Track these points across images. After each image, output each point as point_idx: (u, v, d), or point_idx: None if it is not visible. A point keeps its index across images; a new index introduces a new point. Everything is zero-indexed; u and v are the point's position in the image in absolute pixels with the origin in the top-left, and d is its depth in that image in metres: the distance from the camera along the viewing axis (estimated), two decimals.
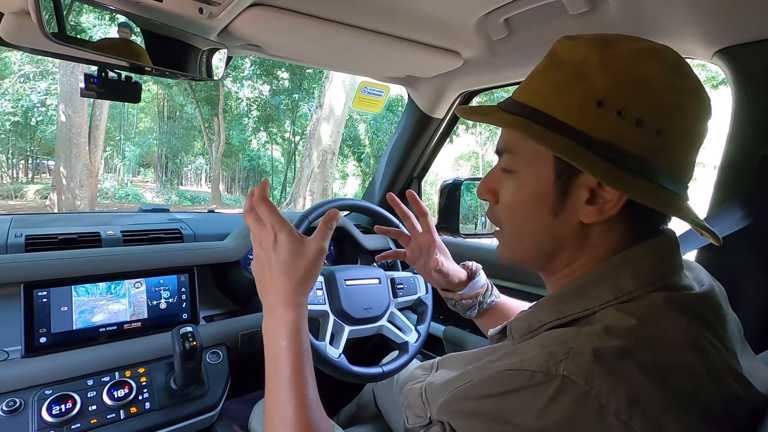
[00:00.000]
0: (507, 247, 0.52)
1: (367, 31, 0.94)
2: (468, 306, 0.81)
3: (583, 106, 0.42)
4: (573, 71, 0.43)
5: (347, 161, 14.49)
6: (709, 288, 0.46)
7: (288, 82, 13.32)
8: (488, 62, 1.05)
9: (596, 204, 0.44)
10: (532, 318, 0.47)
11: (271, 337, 0.55)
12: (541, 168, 0.46)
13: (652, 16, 0.77)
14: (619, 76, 0.41)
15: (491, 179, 0.52)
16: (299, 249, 0.56)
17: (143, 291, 0.99)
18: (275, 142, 17.62)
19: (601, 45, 0.43)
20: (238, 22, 0.82)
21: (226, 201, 16.63)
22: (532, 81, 0.47)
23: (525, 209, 0.48)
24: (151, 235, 1.12)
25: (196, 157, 21.82)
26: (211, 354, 1.01)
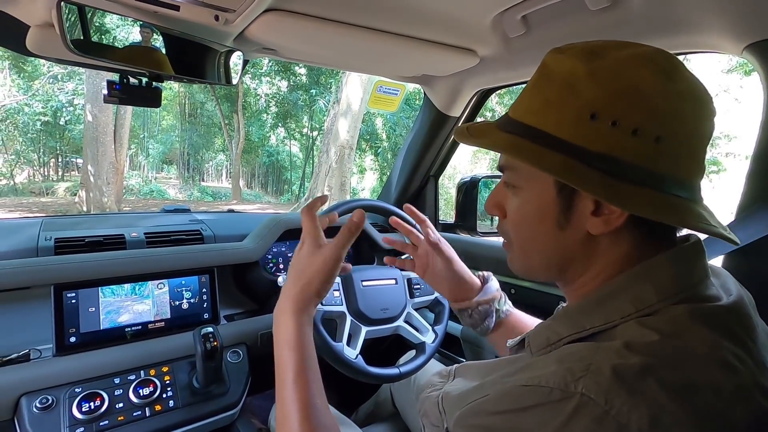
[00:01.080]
0: (517, 260, 0.52)
1: (382, 32, 0.93)
2: (485, 314, 0.78)
3: (576, 120, 0.41)
4: (563, 85, 0.42)
5: (365, 156, 14.50)
6: (738, 297, 0.44)
7: (305, 78, 13.38)
8: (505, 60, 1.03)
9: (602, 215, 0.43)
10: (551, 331, 0.46)
11: (277, 342, 0.56)
12: (543, 183, 0.45)
13: (677, 11, 0.74)
14: (609, 86, 0.40)
15: (497, 194, 0.53)
16: (313, 253, 0.58)
17: (166, 292, 1.02)
18: (293, 138, 17.77)
19: (589, 56, 0.42)
20: (254, 28, 0.82)
21: (246, 196, 16.90)
22: (524, 96, 0.47)
23: (530, 224, 0.48)
24: (173, 236, 1.14)
25: (217, 154, 22.23)
26: (231, 353, 1.03)
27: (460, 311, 0.80)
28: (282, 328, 0.56)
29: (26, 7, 0.74)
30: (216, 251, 1.10)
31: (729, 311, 0.42)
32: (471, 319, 0.79)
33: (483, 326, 0.79)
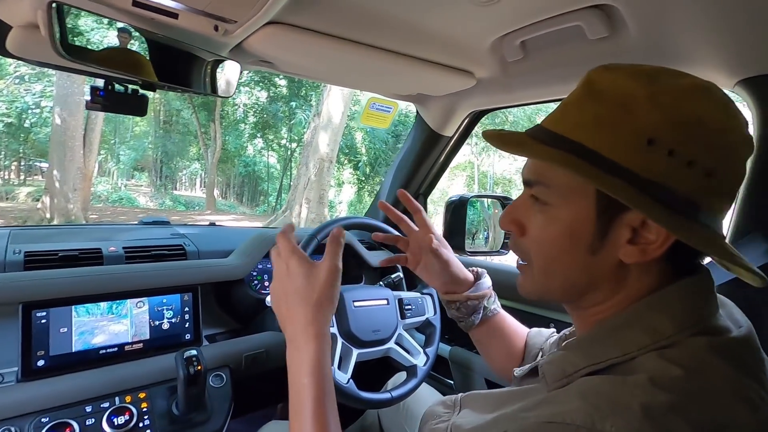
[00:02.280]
0: (534, 282, 0.49)
1: (381, 50, 0.93)
2: (472, 309, 0.77)
3: (631, 144, 0.40)
4: (618, 105, 0.41)
5: (343, 169, 14.50)
6: (748, 329, 0.44)
7: (285, 90, 13.34)
8: (501, 83, 1.04)
9: (638, 244, 0.42)
10: (566, 362, 0.45)
11: (293, 371, 0.54)
12: (581, 204, 0.43)
13: (672, 43, 0.77)
14: (671, 113, 0.39)
15: (517, 210, 0.49)
16: (311, 272, 0.57)
17: (145, 311, 0.96)
18: (271, 149, 17.59)
19: (648, 79, 0.41)
20: (253, 40, 0.80)
21: (220, 207, 16.54)
22: (567, 111, 0.45)
23: (559, 245, 0.45)
24: (154, 251, 1.09)
25: (191, 162, 21.73)
26: (214, 377, 0.98)
27: (448, 303, 0.79)
28: (301, 354, 0.53)
29: (10, 7, 0.70)
30: (201, 268, 1.05)
31: (742, 344, 0.42)
32: (458, 312, 0.78)
33: (468, 321, 0.78)
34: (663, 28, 0.75)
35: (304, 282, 0.56)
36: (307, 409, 0.50)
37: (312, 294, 0.55)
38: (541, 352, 0.73)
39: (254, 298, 1.20)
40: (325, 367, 0.53)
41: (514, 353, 0.78)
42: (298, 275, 0.56)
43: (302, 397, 0.51)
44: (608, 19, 0.77)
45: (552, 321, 1.16)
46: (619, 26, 0.78)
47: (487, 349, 0.80)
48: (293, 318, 0.55)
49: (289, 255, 0.58)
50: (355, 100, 10.91)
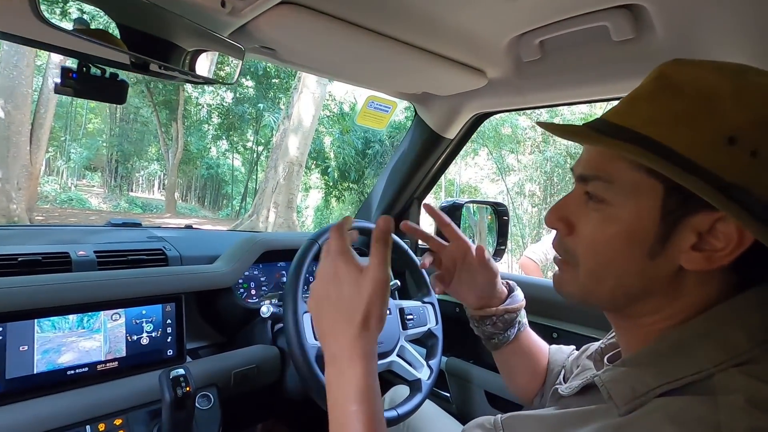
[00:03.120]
0: (578, 283, 0.46)
1: (394, 40, 0.87)
2: (509, 323, 0.72)
3: (711, 142, 0.37)
4: (699, 100, 0.38)
5: (311, 174, 14.27)
6: None
7: (253, 91, 13.02)
8: (513, 84, 1.01)
9: (704, 251, 0.39)
10: (635, 380, 0.40)
11: (335, 396, 0.46)
12: (645, 204, 0.40)
13: (701, 47, 0.75)
14: (754, 110, 0.36)
15: (566, 206, 0.46)
16: (359, 281, 0.48)
17: (122, 324, 0.84)
18: (236, 151, 17.11)
19: (733, 75, 0.38)
20: (261, 21, 0.72)
21: (180, 210, 15.85)
22: (637, 105, 0.42)
23: (615, 247, 0.42)
24: (131, 256, 0.97)
25: (150, 163, 20.74)
26: (200, 398, 0.87)
27: (482, 318, 0.72)
28: (346, 377, 0.46)
29: None
30: (185, 275, 0.94)
31: None
32: (494, 328, 0.72)
33: (503, 336, 0.72)
34: (691, 31, 0.74)
35: (352, 293, 0.48)
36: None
37: (359, 307, 0.47)
38: (563, 370, 0.69)
39: (242, 307, 1.09)
40: (375, 391, 0.46)
41: (539, 371, 0.74)
42: (346, 283, 0.48)
43: (350, 427, 0.44)
44: (635, 20, 0.75)
45: (555, 330, 1.13)
46: (645, 28, 0.76)
47: (514, 369, 0.75)
48: (336, 333, 0.48)
49: (339, 255, 0.50)
50: (325, 105, 10.81)
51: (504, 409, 1.18)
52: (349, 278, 0.49)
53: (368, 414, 0.44)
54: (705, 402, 0.35)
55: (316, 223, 13.28)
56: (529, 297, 0.76)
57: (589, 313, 1.04)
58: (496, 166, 10.67)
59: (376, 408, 0.45)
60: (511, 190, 10.46)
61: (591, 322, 1.05)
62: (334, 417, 0.46)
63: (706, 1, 0.66)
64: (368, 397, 0.45)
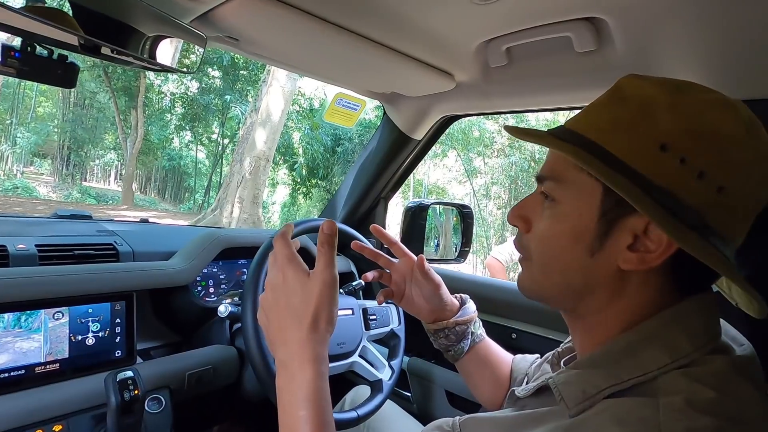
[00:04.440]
0: (533, 279, 0.49)
1: (363, 38, 0.86)
2: (461, 335, 0.74)
3: (644, 148, 0.39)
4: (638, 109, 0.41)
5: (278, 169, 14.01)
6: (750, 347, 0.45)
7: (219, 81, 12.62)
8: (480, 88, 1.02)
9: (638, 251, 0.41)
10: (584, 383, 0.42)
11: (285, 401, 0.46)
12: (587, 203, 0.43)
13: (656, 63, 0.79)
14: (688, 121, 0.39)
15: (525, 205, 0.50)
16: (306, 284, 0.49)
17: (65, 323, 0.79)
18: (200, 143, 16.53)
19: (674, 88, 0.41)
20: (226, 9, 0.69)
21: (138, 202, 15.17)
22: (590, 113, 0.45)
23: (560, 243, 0.45)
24: (77, 251, 0.91)
25: (106, 152, 19.68)
26: (150, 401, 0.83)
27: (436, 331, 0.75)
28: (295, 382, 0.45)
29: None
30: (138, 272, 0.89)
31: (752, 362, 0.43)
32: (446, 340, 0.75)
33: (457, 348, 0.75)
34: (647, 47, 0.77)
35: (300, 295, 0.48)
36: None
37: (307, 311, 0.48)
38: (526, 377, 0.71)
39: (199, 306, 1.05)
40: (324, 395, 0.45)
41: (502, 380, 0.76)
42: (293, 289, 0.48)
43: None
44: (597, 32, 0.77)
45: (514, 331, 1.16)
46: (606, 40, 0.79)
47: (476, 380, 0.77)
48: (285, 339, 0.47)
49: (286, 263, 0.50)
50: (294, 99, 10.63)
51: (464, 409, 1.20)
52: (296, 283, 0.49)
53: (317, 419, 0.44)
54: (648, 403, 0.36)
55: (282, 220, 13.06)
56: (489, 298, 0.78)
57: (547, 314, 1.07)
58: (464, 168, 10.86)
59: (326, 412, 0.45)
60: (478, 192, 10.68)
61: (549, 324, 1.08)
62: (284, 422, 0.45)
63: (661, 20, 0.70)
64: (317, 401, 0.45)
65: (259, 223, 8.07)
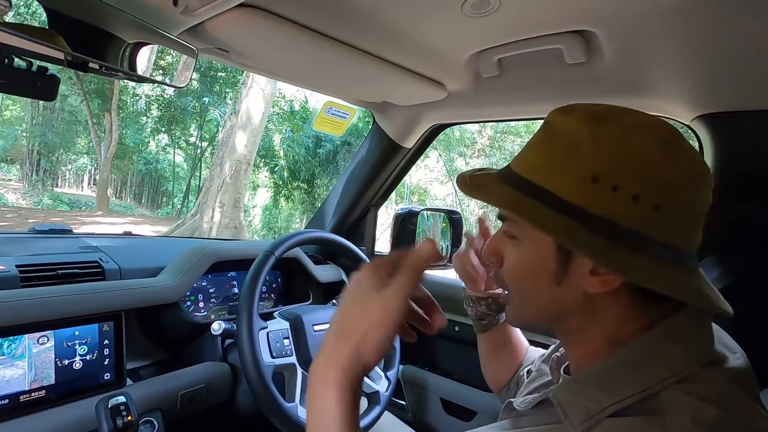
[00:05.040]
0: (516, 310, 0.51)
1: (356, 49, 0.85)
2: (501, 307, 0.73)
3: (578, 182, 0.41)
4: (566, 146, 0.43)
5: (258, 172, 13.81)
6: (743, 356, 0.46)
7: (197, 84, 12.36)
8: (471, 98, 1.03)
9: (599, 275, 0.42)
10: (588, 401, 0.42)
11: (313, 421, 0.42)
12: (542, 238, 0.44)
13: (641, 75, 0.81)
14: (611, 152, 0.41)
15: (495, 242, 0.52)
16: (369, 299, 0.41)
17: (50, 348, 0.75)
18: (178, 146, 16.16)
19: (594, 120, 0.42)
20: (218, 22, 0.68)
21: (114, 207, 14.73)
22: (528, 153, 0.47)
23: (528, 276, 0.47)
24: (61, 270, 0.87)
25: (79, 156, 19.04)
26: (143, 425, 0.80)
27: (479, 298, 0.72)
28: (322, 407, 0.41)
29: None
30: (126, 290, 0.86)
31: (747, 373, 0.43)
32: (487, 308, 0.73)
33: (495, 319, 0.74)
34: (635, 59, 0.79)
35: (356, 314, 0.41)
36: None
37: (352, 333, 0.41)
38: (528, 371, 0.71)
39: (189, 322, 1.02)
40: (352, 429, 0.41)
41: (514, 363, 0.76)
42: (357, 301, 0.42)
43: None
44: (587, 45, 0.79)
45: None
46: (596, 53, 0.80)
47: (493, 354, 0.77)
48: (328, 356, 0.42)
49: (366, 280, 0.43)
50: (275, 101, 10.51)
51: (459, 416, 1.21)
52: (365, 291, 0.42)
53: None
54: (654, 422, 0.37)
55: (263, 223, 12.87)
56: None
57: None
58: (446, 169, 10.94)
59: None
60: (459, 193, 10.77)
61: None
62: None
63: (649, 34, 0.71)
64: None
65: (241, 227, 7.94)
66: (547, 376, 0.60)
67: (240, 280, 1.20)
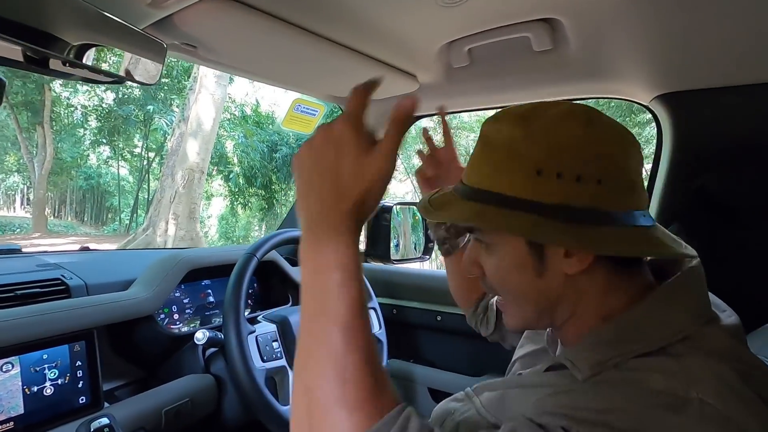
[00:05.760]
0: (513, 315, 0.52)
1: (327, 40, 0.84)
2: (461, 231, 0.78)
3: (525, 178, 0.44)
4: (505, 149, 0.45)
5: (212, 180, 13.30)
6: (734, 313, 0.49)
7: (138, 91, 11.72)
8: (443, 89, 1.04)
9: (573, 256, 0.45)
10: (597, 353, 0.44)
11: (311, 267, 0.40)
12: (512, 238, 0.47)
13: (604, 60, 0.86)
14: (545, 143, 0.44)
15: (471, 254, 0.53)
16: (362, 159, 0.41)
17: (16, 375, 0.69)
18: (122, 158, 15.25)
19: (522, 121, 0.46)
20: (187, 14, 0.64)
21: (53, 228, 13.67)
22: (474, 164, 0.49)
23: (511, 277, 0.48)
24: (20, 290, 0.79)
25: (8, 175, 17.49)
26: None
27: (439, 223, 0.78)
28: (333, 248, 0.40)
29: None
30: (97, 306, 0.80)
31: (740, 327, 0.47)
32: (446, 232, 0.79)
33: (454, 243, 0.79)
34: (597, 45, 0.83)
35: (353, 167, 0.41)
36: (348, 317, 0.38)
37: (357, 187, 0.41)
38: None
39: (165, 335, 0.97)
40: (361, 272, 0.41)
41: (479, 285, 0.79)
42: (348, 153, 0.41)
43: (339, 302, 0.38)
44: (553, 32, 0.82)
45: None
46: (561, 40, 0.84)
47: (459, 278, 0.82)
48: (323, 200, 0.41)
49: (351, 118, 0.42)
50: (225, 107, 10.17)
51: None
52: (353, 150, 0.41)
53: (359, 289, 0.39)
54: (669, 358, 0.39)
55: (220, 233, 12.43)
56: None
57: None
58: (404, 166, 11.05)
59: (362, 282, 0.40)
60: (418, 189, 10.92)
61: None
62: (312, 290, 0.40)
63: (611, 21, 0.76)
64: (359, 273, 0.40)
65: (198, 239, 7.61)
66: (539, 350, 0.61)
67: (215, 288, 1.15)
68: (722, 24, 0.66)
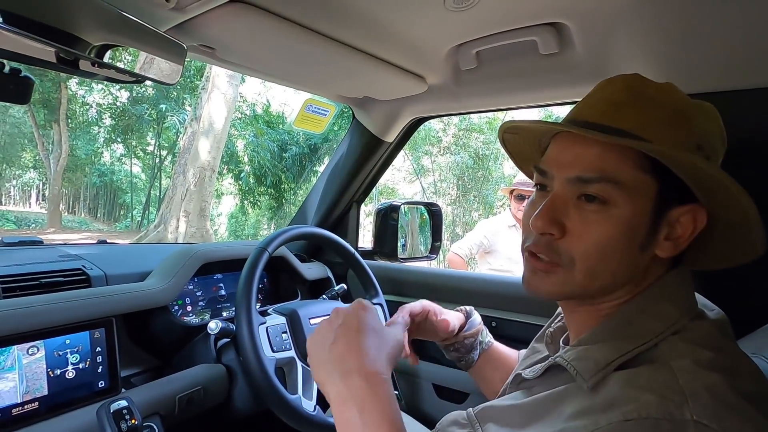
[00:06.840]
0: (570, 283, 0.47)
1: (340, 43, 0.87)
2: (470, 347, 0.77)
3: (686, 145, 0.45)
4: (675, 111, 0.46)
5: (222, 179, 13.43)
6: (720, 311, 0.51)
7: (152, 90, 11.89)
8: (450, 90, 1.07)
9: (671, 239, 0.46)
10: (596, 354, 0.45)
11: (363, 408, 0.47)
12: (642, 201, 0.44)
13: (610, 62, 0.87)
14: (714, 126, 0.47)
15: (556, 209, 0.46)
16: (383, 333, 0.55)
17: (41, 358, 0.73)
18: (135, 156, 15.49)
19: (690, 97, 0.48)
20: (208, 18, 0.68)
21: (67, 223, 13.93)
22: (623, 110, 0.46)
23: (614, 245, 0.44)
24: (44, 279, 0.83)
25: (25, 171, 17.87)
26: (144, 429, 0.78)
27: (446, 347, 0.79)
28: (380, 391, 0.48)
29: None
30: (116, 296, 0.84)
31: (726, 323, 0.49)
32: (456, 353, 0.78)
33: (468, 359, 0.78)
34: (604, 48, 0.85)
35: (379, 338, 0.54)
36: None
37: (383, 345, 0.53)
38: None
39: (179, 326, 1.00)
40: None
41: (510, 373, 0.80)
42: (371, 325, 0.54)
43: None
44: (559, 36, 0.84)
45: (494, 320, 1.22)
46: (567, 43, 0.86)
47: (489, 383, 0.79)
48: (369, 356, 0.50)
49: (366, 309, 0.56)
50: (237, 106, 10.27)
51: (452, 399, 1.24)
52: (377, 324, 0.55)
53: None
54: (661, 369, 0.40)
55: (230, 231, 12.54)
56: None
57: (523, 301, 1.13)
58: (413, 167, 11.05)
59: None
60: (427, 190, 10.91)
61: (525, 309, 1.14)
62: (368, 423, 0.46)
63: (616, 25, 0.77)
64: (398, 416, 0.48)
65: (208, 236, 7.71)
66: (544, 352, 0.62)
67: (227, 282, 1.18)
68: (727, 27, 0.67)
